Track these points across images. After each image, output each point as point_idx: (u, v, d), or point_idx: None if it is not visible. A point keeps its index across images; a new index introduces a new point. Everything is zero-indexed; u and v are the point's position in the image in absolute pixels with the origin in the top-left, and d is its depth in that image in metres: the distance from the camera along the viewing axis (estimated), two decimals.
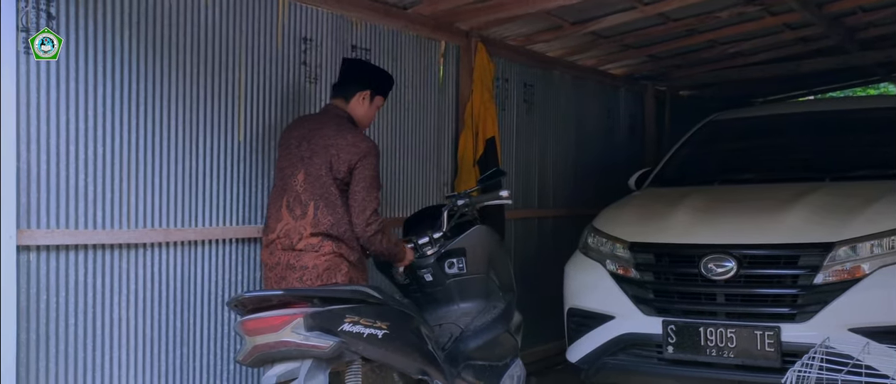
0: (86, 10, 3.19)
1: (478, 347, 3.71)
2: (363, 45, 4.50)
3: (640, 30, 5.85)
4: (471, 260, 3.80)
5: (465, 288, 3.81)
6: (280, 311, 2.75)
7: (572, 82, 6.49)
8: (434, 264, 3.75)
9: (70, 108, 3.15)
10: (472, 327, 3.76)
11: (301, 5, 4.10)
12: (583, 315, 4.55)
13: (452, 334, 3.72)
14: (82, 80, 3.19)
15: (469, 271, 3.80)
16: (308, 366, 2.74)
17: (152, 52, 3.44)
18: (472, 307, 3.82)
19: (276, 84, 4.00)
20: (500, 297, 3.95)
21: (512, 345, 3.97)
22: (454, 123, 5.22)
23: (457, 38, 5.13)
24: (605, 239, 4.55)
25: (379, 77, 3.74)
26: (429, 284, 3.79)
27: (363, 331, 2.83)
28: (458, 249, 3.78)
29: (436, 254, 3.75)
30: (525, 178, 5.97)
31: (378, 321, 2.90)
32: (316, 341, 2.70)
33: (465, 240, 3.80)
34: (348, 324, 2.79)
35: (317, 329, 2.71)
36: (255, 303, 2.80)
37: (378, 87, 3.68)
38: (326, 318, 2.75)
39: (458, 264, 3.79)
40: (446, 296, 3.81)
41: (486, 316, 3.83)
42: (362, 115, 3.64)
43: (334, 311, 2.79)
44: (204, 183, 3.66)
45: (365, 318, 2.85)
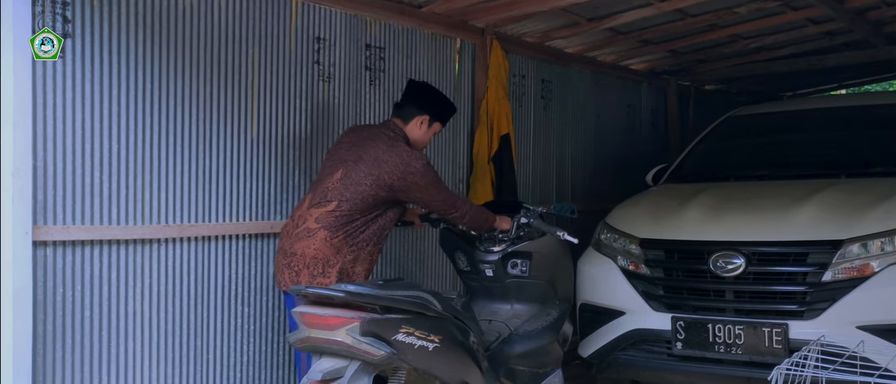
0: (101, 13, 3.30)
1: (523, 353, 3.70)
2: (377, 43, 4.57)
3: (658, 25, 5.84)
4: (535, 264, 3.80)
5: (522, 290, 3.83)
6: (339, 312, 2.78)
7: (592, 78, 6.50)
8: (497, 262, 3.76)
9: (85, 108, 3.26)
10: (521, 330, 3.74)
11: (314, 5, 4.18)
12: (594, 310, 4.58)
13: (501, 334, 3.71)
14: (97, 81, 3.30)
15: (531, 275, 3.80)
16: (355, 368, 2.77)
17: (166, 52, 3.55)
18: (526, 310, 3.83)
19: (289, 83, 4.09)
20: (555, 306, 3.94)
21: (556, 356, 3.94)
22: (469, 120, 5.27)
23: (472, 35, 5.17)
24: (616, 235, 4.58)
25: (440, 104, 3.71)
26: (488, 279, 3.82)
27: (415, 343, 2.84)
28: (524, 252, 3.78)
29: (501, 253, 3.77)
30: (543, 173, 6.00)
31: (431, 334, 2.91)
32: (368, 347, 2.71)
33: (533, 245, 3.80)
34: (403, 334, 2.80)
35: (371, 335, 2.72)
36: (318, 298, 2.85)
37: (438, 115, 3.67)
38: (382, 326, 2.76)
39: (521, 266, 3.79)
40: (503, 293, 3.84)
41: (537, 322, 3.82)
42: (418, 137, 3.62)
43: (391, 321, 2.80)
44: (217, 180, 3.76)
45: (419, 331, 2.86)
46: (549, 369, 3.86)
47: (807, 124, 5.38)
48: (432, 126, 3.64)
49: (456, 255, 3.92)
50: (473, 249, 3.81)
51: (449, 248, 3.99)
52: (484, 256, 3.78)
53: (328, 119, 4.30)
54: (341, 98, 4.37)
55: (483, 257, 3.78)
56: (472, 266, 3.83)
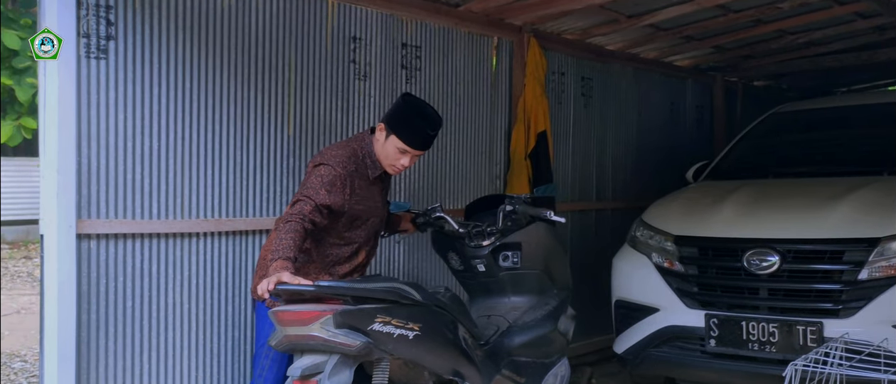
0: (142, 15, 3.44)
1: (523, 343, 3.65)
2: (414, 42, 4.65)
3: (700, 21, 5.79)
4: (526, 255, 3.72)
5: (517, 282, 3.76)
6: (310, 306, 2.74)
7: (634, 75, 6.48)
8: (488, 255, 3.68)
9: (127, 107, 3.41)
10: (520, 322, 3.69)
11: (350, 5, 4.27)
12: (629, 307, 4.59)
13: (499, 327, 3.66)
14: (139, 80, 3.45)
15: (523, 266, 3.73)
16: (334, 361, 2.74)
17: (205, 52, 3.68)
18: (523, 302, 3.77)
19: (325, 82, 4.19)
20: (554, 295, 3.88)
21: (560, 344, 3.88)
22: (507, 117, 5.31)
23: (509, 33, 5.21)
24: (651, 232, 4.58)
25: (401, 117, 3.30)
26: (482, 274, 3.74)
27: (393, 332, 2.80)
28: (513, 243, 3.71)
29: (491, 246, 3.69)
30: (582, 171, 6.01)
31: (410, 322, 2.87)
32: (344, 339, 2.69)
33: (521, 235, 3.72)
34: (379, 324, 2.77)
35: (346, 327, 2.69)
36: (290, 295, 2.79)
37: (394, 126, 3.27)
38: (356, 317, 2.73)
39: (512, 258, 3.71)
40: (498, 287, 3.77)
41: (537, 312, 3.76)
42: (379, 149, 3.33)
43: (365, 311, 2.76)
44: (254, 176, 3.89)
45: (396, 319, 2.82)
46: (554, 358, 3.82)
47: (851, 121, 5.30)
48: (389, 138, 3.27)
49: (449, 256, 3.86)
50: (463, 246, 3.74)
51: (441, 250, 3.92)
52: (474, 251, 3.71)
53: (364, 117, 4.39)
54: (377, 96, 4.46)
55: (473, 252, 3.71)
56: (465, 264, 3.77)
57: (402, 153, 3.28)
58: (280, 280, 2.74)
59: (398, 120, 3.28)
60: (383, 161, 3.32)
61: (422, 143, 3.31)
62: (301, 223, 2.97)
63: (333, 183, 3.12)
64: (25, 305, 8.86)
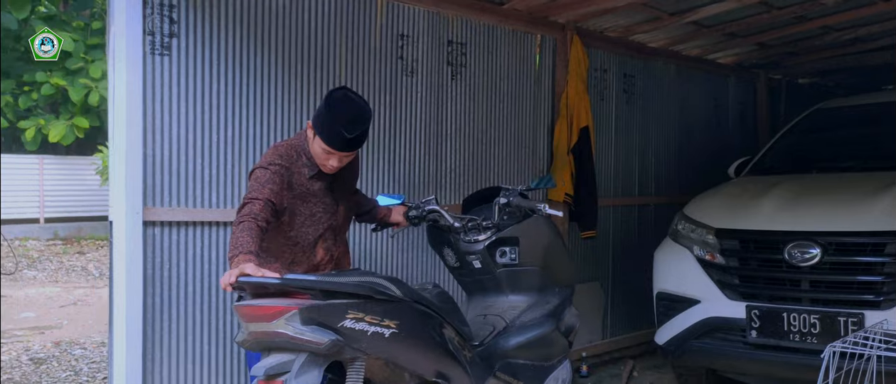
0: (203, 15, 3.62)
1: (520, 344, 3.43)
2: (459, 39, 4.78)
3: (743, 19, 5.83)
4: (524, 250, 3.52)
5: (515, 279, 3.56)
6: (274, 301, 2.55)
7: (676, 72, 6.53)
8: (483, 251, 3.49)
9: (189, 101, 3.60)
10: (517, 322, 3.49)
11: (399, 4, 4.42)
12: (670, 299, 4.66)
13: (495, 327, 3.45)
14: (199, 76, 3.63)
15: (521, 262, 3.52)
16: (302, 360, 2.54)
17: (261, 49, 3.85)
18: (522, 300, 3.56)
19: (374, 77, 4.34)
20: (555, 293, 3.66)
21: (561, 346, 3.64)
22: (549, 113, 5.41)
23: (553, 30, 5.31)
24: (693, 225, 4.64)
25: (321, 118, 3.11)
26: (477, 271, 3.56)
27: (367, 329, 2.60)
28: (510, 238, 3.50)
29: (487, 241, 3.48)
30: (625, 166, 6.09)
31: (386, 319, 2.67)
32: (311, 336, 2.48)
33: (518, 230, 3.51)
34: (350, 320, 2.57)
35: (314, 323, 2.50)
36: (254, 288, 2.63)
37: (318, 128, 3.11)
38: (325, 313, 2.53)
39: (509, 254, 3.51)
40: (495, 285, 3.58)
41: (536, 311, 3.55)
42: (312, 148, 3.18)
43: (335, 306, 2.56)
44: None
45: (370, 315, 2.62)
46: (554, 361, 3.59)
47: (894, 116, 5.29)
48: (315, 138, 3.13)
49: (444, 252, 3.67)
50: (458, 241, 3.55)
51: (436, 245, 3.74)
52: (469, 247, 3.51)
53: (410, 112, 4.53)
54: (423, 92, 4.60)
55: (468, 248, 3.51)
56: (460, 260, 3.58)
57: (328, 154, 3.13)
58: (242, 272, 2.60)
59: (319, 121, 3.11)
60: (316, 160, 3.18)
61: (341, 144, 3.09)
62: (254, 221, 2.87)
63: (271, 181, 3.01)
64: (81, 297, 9.18)
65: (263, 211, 2.93)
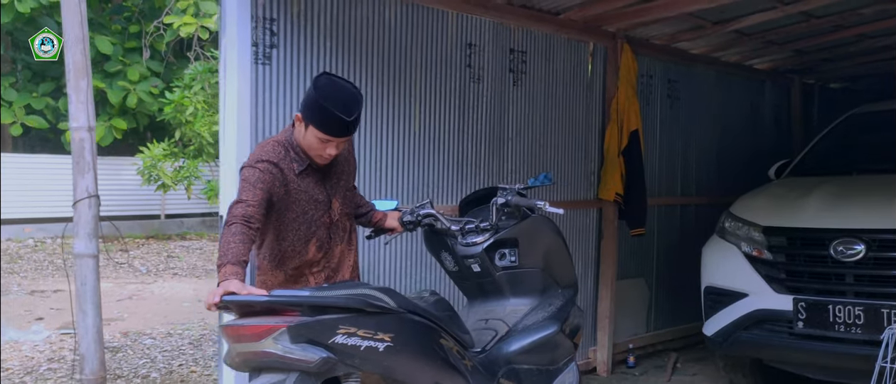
0: (299, 28, 3.96)
1: (523, 349, 3.34)
2: (520, 47, 5.09)
3: (783, 27, 6.11)
4: (524, 251, 3.41)
5: (516, 282, 3.45)
6: (261, 320, 2.47)
7: (716, 77, 6.83)
8: (482, 254, 3.37)
9: (287, 105, 3.93)
10: (520, 326, 3.39)
11: (467, 15, 4.74)
12: (718, 293, 4.96)
13: (497, 332, 3.36)
14: (295, 83, 3.97)
15: (522, 264, 3.42)
16: (293, 379, 2.47)
17: (349, 58, 4.18)
18: (524, 303, 3.46)
19: (445, 84, 4.67)
20: (558, 294, 3.56)
21: (566, 348, 3.52)
22: (600, 117, 5.72)
23: (604, 39, 5.62)
24: (740, 223, 4.94)
25: (312, 105, 3.01)
26: (477, 275, 3.45)
27: (360, 344, 2.53)
28: (509, 239, 3.40)
29: (485, 243, 3.37)
30: (668, 167, 6.39)
31: (379, 332, 2.59)
32: (301, 354, 2.41)
33: (517, 230, 3.40)
34: (342, 335, 2.50)
35: (303, 341, 2.43)
36: (241, 307, 2.55)
37: (309, 116, 3.01)
38: (315, 329, 2.46)
39: (509, 256, 3.40)
40: (496, 289, 3.47)
41: (539, 314, 3.44)
42: (301, 141, 3.09)
43: (325, 322, 2.48)
44: (388, 168, 4.38)
45: (363, 329, 2.54)
46: (560, 365, 3.48)
47: None
48: (308, 128, 3.02)
49: (442, 256, 3.56)
50: (456, 245, 3.44)
51: (434, 250, 3.63)
52: (466, 250, 3.40)
53: (477, 116, 4.86)
54: (488, 97, 4.92)
55: (465, 251, 3.40)
56: (459, 265, 3.46)
57: (325, 142, 3.02)
58: (227, 290, 2.53)
59: (310, 109, 3.00)
60: (310, 152, 3.08)
61: (339, 129, 2.99)
62: (246, 224, 2.81)
63: (261, 179, 2.95)
64: (134, 292, 9.56)
65: (255, 212, 2.86)
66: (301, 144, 3.07)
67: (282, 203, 3.05)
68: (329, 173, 3.20)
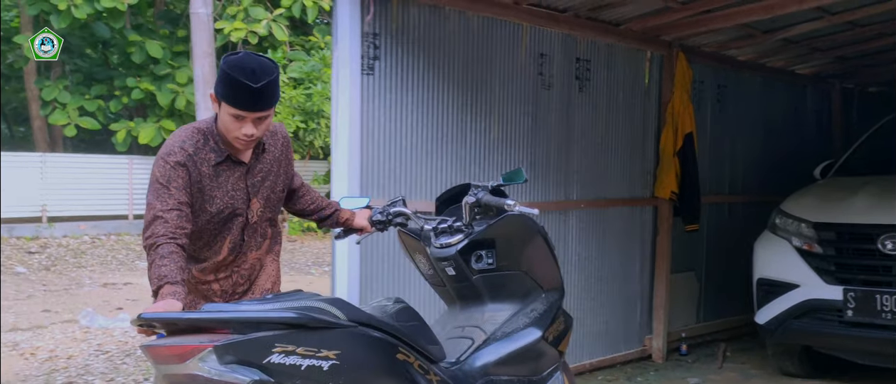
0: (397, 41, 4.41)
1: (502, 359, 3.03)
2: (585, 56, 5.51)
3: (829, 35, 6.47)
4: (502, 253, 3.13)
5: (495, 286, 3.17)
6: (185, 339, 2.23)
7: (761, 82, 7.20)
8: (456, 256, 3.08)
9: (387, 112, 4.38)
10: (498, 333, 3.09)
11: (540, 28, 5.16)
12: (771, 284, 5.36)
13: (474, 341, 3.07)
14: (394, 91, 4.41)
15: (500, 266, 3.14)
16: None
17: (438, 68, 4.62)
18: (504, 309, 3.19)
19: (520, 91, 5.09)
20: (541, 298, 3.26)
21: (550, 357, 3.21)
22: (656, 121, 6.12)
23: (660, 48, 6.02)
24: (791, 220, 5.33)
25: (221, 78, 2.73)
26: (452, 279, 3.16)
27: (300, 363, 2.28)
28: (486, 240, 3.11)
29: (459, 245, 3.08)
30: (717, 167, 6.77)
31: (323, 350, 2.33)
32: (230, 377, 2.18)
33: (493, 230, 3.11)
34: (279, 354, 2.25)
35: (235, 361, 2.20)
36: (164, 325, 2.30)
37: (220, 91, 2.74)
38: (246, 348, 2.22)
39: (486, 258, 3.12)
40: (473, 294, 3.19)
41: (520, 320, 3.15)
42: (220, 127, 2.81)
43: (258, 340, 2.24)
44: (469, 168, 4.82)
45: (304, 347, 2.29)
46: (544, 374, 3.19)
47: None
48: (221, 107, 2.74)
49: (416, 259, 3.31)
50: (429, 246, 3.16)
51: (408, 252, 3.36)
52: (440, 252, 3.11)
53: (546, 120, 5.27)
54: (557, 103, 5.34)
55: (439, 253, 3.11)
56: (433, 267, 3.20)
57: (238, 119, 2.71)
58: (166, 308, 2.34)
59: (219, 81, 2.73)
60: (227, 136, 2.78)
61: (249, 100, 2.68)
62: (173, 241, 2.56)
63: (175, 178, 2.69)
64: None
65: (176, 226, 2.60)
66: (220, 131, 2.80)
67: (195, 201, 2.77)
68: (253, 170, 2.91)
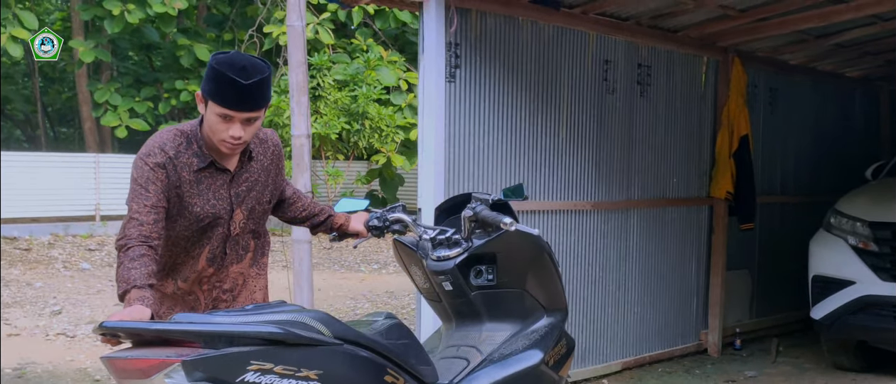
0: (476, 50, 4.69)
1: (498, 383, 2.85)
2: (646, 62, 5.76)
3: (881, 39, 6.64)
4: (503, 269, 2.95)
5: (494, 303, 3.00)
6: (150, 352, 2.07)
7: (812, 85, 7.40)
8: (454, 270, 2.90)
9: (467, 116, 4.67)
10: (495, 355, 2.91)
11: (604, 36, 5.42)
12: (826, 281, 5.57)
13: (469, 362, 2.90)
14: (473, 97, 4.70)
15: (500, 283, 2.96)
16: None
17: (512, 74, 4.90)
18: (503, 329, 3.01)
19: (586, 96, 5.36)
20: (542, 319, 3.08)
21: (550, 382, 3.02)
22: (712, 124, 6.35)
23: (716, 53, 6.25)
24: (846, 219, 5.54)
25: (209, 76, 2.59)
26: (449, 295, 2.98)
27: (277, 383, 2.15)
28: (487, 255, 2.93)
29: (458, 258, 2.90)
30: (769, 169, 6.99)
31: (303, 369, 2.18)
32: None
33: (495, 244, 2.91)
34: (254, 373, 2.11)
35: (205, 379, 2.05)
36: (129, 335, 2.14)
37: (207, 90, 2.60)
38: (219, 365, 2.06)
39: (486, 273, 2.95)
40: (471, 311, 3.01)
41: (518, 342, 2.97)
42: (205, 130, 2.67)
43: (232, 356, 2.09)
44: (540, 169, 5.10)
45: (282, 365, 2.14)
46: None
47: None
48: (208, 107, 2.60)
49: (412, 271, 3.12)
50: (426, 258, 2.97)
51: (404, 263, 3.17)
52: (436, 266, 2.92)
53: (610, 124, 5.53)
54: (620, 107, 5.59)
55: (436, 266, 2.92)
56: (429, 281, 3.01)
57: (226, 120, 2.57)
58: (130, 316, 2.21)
59: (207, 79, 2.59)
60: (213, 138, 2.63)
61: (238, 98, 2.54)
62: (144, 244, 2.44)
63: (153, 180, 2.57)
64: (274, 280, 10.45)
65: (151, 229, 2.49)
66: (205, 135, 2.66)
67: (173, 207, 2.64)
68: (238, 178, 2.77)
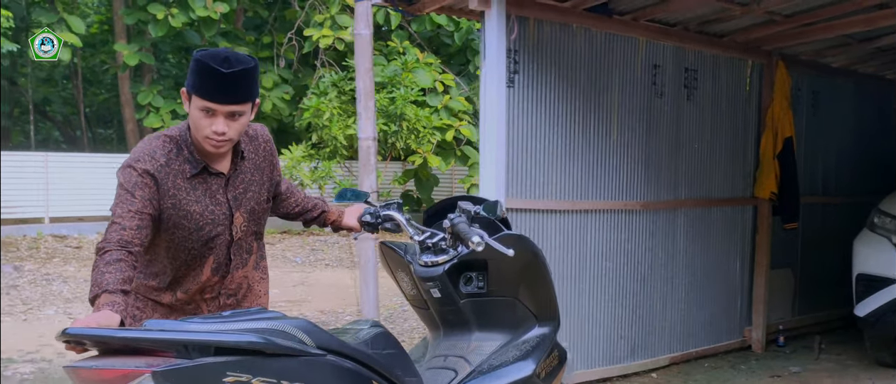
0: (533, 57, 4.91)
1: None
2: (693, 67, 5.94)
3: None
4: (494, 276, 2.87)
5: (484, 312, 2.92)
6: (117, 362, 1.93)
7: (853, 88, 7.52)
8: (443, 277, 2.82)
9: (525, 120, 4.88)
10: (484, 366, 2.84)
11: (653, 42, 5.62)
12: (870, 279, 5.71)
13: (457, 373, 2.83)
14: (530, 101, 4.91)
15: (491, 291, 2.88)
16: None
17: (567, 79, 5.11)
18: (492, 339, 2.93)
19: (635, 100, 5.55)
20: (533, 329, 3.00)
21: None
22: (756, 126, 6.51)
23: (761, 57, 6.41)
24: (890, 218, 5.68)
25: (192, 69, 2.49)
26: (437, 302, 2.90)
27: None
28: (478, 261, 2.84)
29: (447, 264, 2.82)
30: (811, 170, 7.13)
31: (283, 380, 2.08)
32: None
33: (488, 251, 2.73)
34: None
35: None
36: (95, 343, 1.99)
37: (189, 84, 2.49)
38: (191, 376, 1.94)
39: (476, 280, 2.87)
40: (460, 319, 2.94)
41: (509, 352, 2.89)
42: (192, 128, 2.56)
43: (206, 367, 1.97)
44: (593, 170, 5.30)
45: (261, 377, 2.04)
46: None
47: None
48: (191, 102, 2.49)
49: (399, 276, 3.03)
50: (413, 263, 2.89)
51: (390, 266, 3.08)
52: (424, 272, 2.84)
53: (658, 127, 5.72)
54: (667, 110, 5.78)
55: (424, 272, 2.84)
56: (417, 287, 2.93)
57: (208, 114, 2.46)
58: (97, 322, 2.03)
59: (190, 74, 2.49)
60: (198, 136, 2.53)
61: (218, 89, 2.43)
62: (123, 249, 2.31)
63: (140, 186, 2.46)
64: (300, 280, 10.73)
65: (134, 236, 2.37)
66: (193, 138, 2.56)
67: (169, 217, 2.55)
68: (234, 181, 2.68)
